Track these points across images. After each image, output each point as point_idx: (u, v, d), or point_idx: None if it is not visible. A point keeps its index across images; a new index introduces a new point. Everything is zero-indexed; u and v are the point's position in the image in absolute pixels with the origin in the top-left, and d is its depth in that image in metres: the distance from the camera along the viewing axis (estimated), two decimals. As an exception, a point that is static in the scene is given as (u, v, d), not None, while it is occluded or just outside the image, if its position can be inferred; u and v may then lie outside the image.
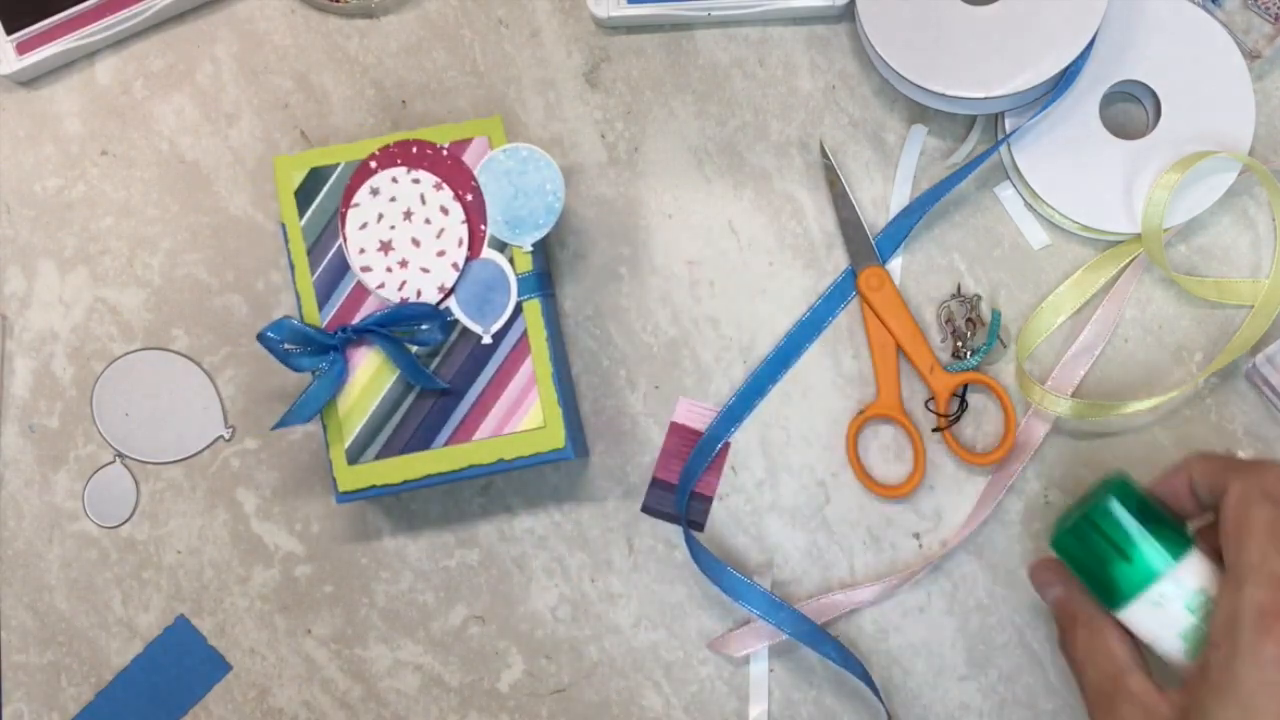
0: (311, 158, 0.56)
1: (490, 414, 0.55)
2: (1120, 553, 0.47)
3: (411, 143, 0.55)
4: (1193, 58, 0.58)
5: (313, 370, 0.54)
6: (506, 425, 0.54)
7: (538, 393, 0.54)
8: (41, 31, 0.60)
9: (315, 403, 0.54)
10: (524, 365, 0.55)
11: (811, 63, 0.61)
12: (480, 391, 0.55)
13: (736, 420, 0.59)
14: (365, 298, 0.55)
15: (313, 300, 0.55)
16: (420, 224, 0.55)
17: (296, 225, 0.56)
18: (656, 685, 0.59)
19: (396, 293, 0.55)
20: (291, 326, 0.54)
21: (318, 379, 0.54)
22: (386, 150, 0.55)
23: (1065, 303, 0.59)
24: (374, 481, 0.55)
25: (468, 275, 0.55)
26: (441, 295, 0.55)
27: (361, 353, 0.55)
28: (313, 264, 0.56)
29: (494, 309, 0.55)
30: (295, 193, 0.56)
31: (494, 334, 0.55)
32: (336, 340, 0.54)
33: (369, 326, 0.54)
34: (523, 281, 0.55)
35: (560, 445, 0.54)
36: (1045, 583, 0.52)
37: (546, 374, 0.54)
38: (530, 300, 0.55)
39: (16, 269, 0.62)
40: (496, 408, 0.55)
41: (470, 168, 0.55)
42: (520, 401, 0.54)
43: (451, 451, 0.55)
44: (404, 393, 0.55)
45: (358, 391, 0.55)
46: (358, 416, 0.55)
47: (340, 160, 0.56)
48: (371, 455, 0.55)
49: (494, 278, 0.55)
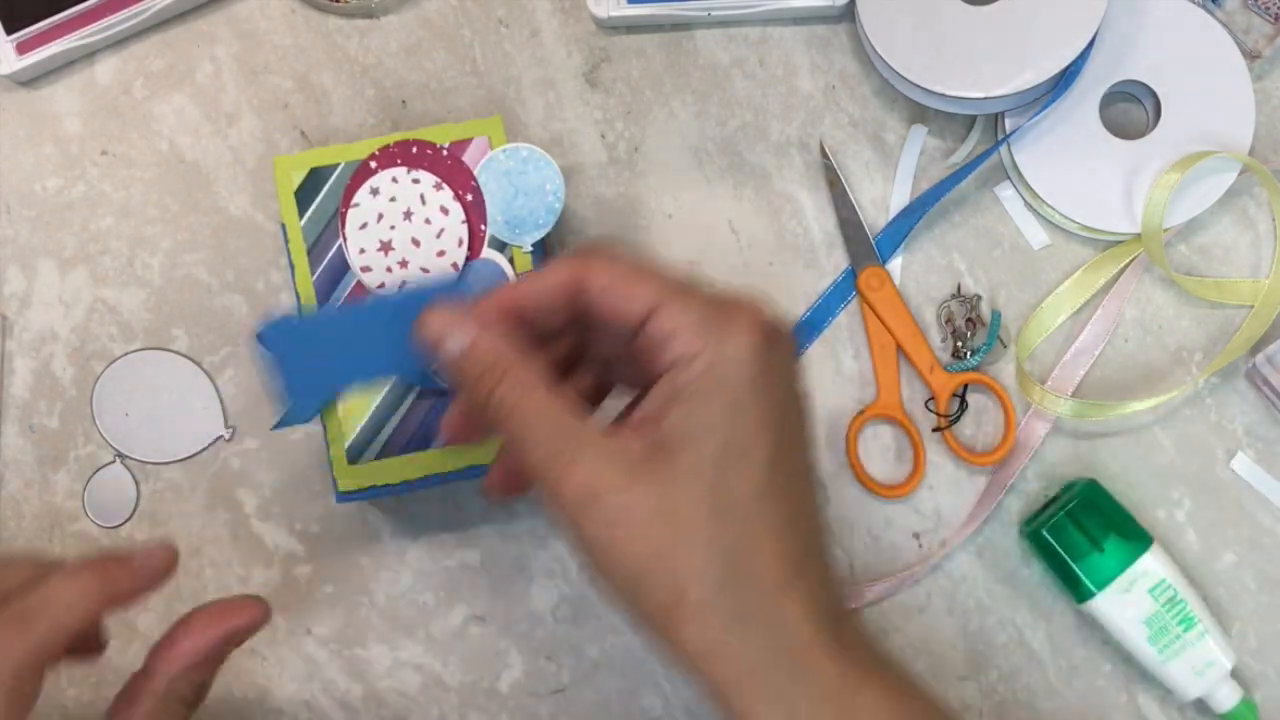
0: (311, 158, 0.56)
1: None
2: (1095, 545, 0.55)
3: (411, 143, 0.55)
4: (1193, 58, 0.58)
5: None
6: None
7: None
8: (41, 31, 0.60)
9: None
10: None
11: (811, 63, 0.61)
12: None
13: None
14: (364, 297, 0.55)
15: (313, 300, 0.55)
16: (420, 224, 0.55)
17: (296, 225, 0.56)
18: (656, 685, 0.59)
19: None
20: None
21: None
22: (386, 150, 0.55)
23: (1065, 303, 0.59)
24: (374, 481, 0.55)
25: (467, 275, 0.55)
26: None
27: None
28: (313, 264, 0.56)
29: None
30: (295, 193, 0.56)
31: None
32: None
33: None
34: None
35: None
36: (442, 335, 0.42)
37: None
38: None
39: (16, 269, 0.62)
40: None
41: (470, 168, 0.55)
42: None
43: (452, 451, 0.55)
44: (404, 392, 0.55)
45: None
46: (358, 416, 0.55)
47: (340, 160, 0.56)
48: (372, 455, 0.55)
49: (494, 277, 0.55)
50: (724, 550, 0.38)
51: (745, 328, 0.39)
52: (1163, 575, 0.54)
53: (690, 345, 0.39)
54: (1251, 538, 0.58)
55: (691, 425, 0.39)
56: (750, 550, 0.38)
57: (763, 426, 0.39)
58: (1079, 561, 0.55)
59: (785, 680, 0.38)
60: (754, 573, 0.38)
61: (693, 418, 0.39)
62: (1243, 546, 0.58)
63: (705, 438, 0.38)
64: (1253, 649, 0.58)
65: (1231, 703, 0.55)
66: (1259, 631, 0.58)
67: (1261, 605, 0.58)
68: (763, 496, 0.39)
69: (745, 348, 0.39)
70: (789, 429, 0.41)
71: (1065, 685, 0.58)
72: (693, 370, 0.39)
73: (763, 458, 0.39)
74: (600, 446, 0.39)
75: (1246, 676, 0.57)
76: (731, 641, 0.38)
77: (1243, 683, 0.56)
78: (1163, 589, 0.54)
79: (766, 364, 0.40)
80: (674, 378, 0.39)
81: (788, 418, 0.41)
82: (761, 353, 0.39)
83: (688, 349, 0.39)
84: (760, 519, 0.39)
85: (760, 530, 0.39)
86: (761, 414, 0.39)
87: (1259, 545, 0.58)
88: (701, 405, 0.39)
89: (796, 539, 0.40)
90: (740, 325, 0.39)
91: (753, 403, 0.39)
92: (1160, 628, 0.54)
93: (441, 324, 0.42)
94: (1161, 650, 0.54)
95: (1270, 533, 0.58)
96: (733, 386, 0.39)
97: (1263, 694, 0.57)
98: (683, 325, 0.39)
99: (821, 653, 0.38)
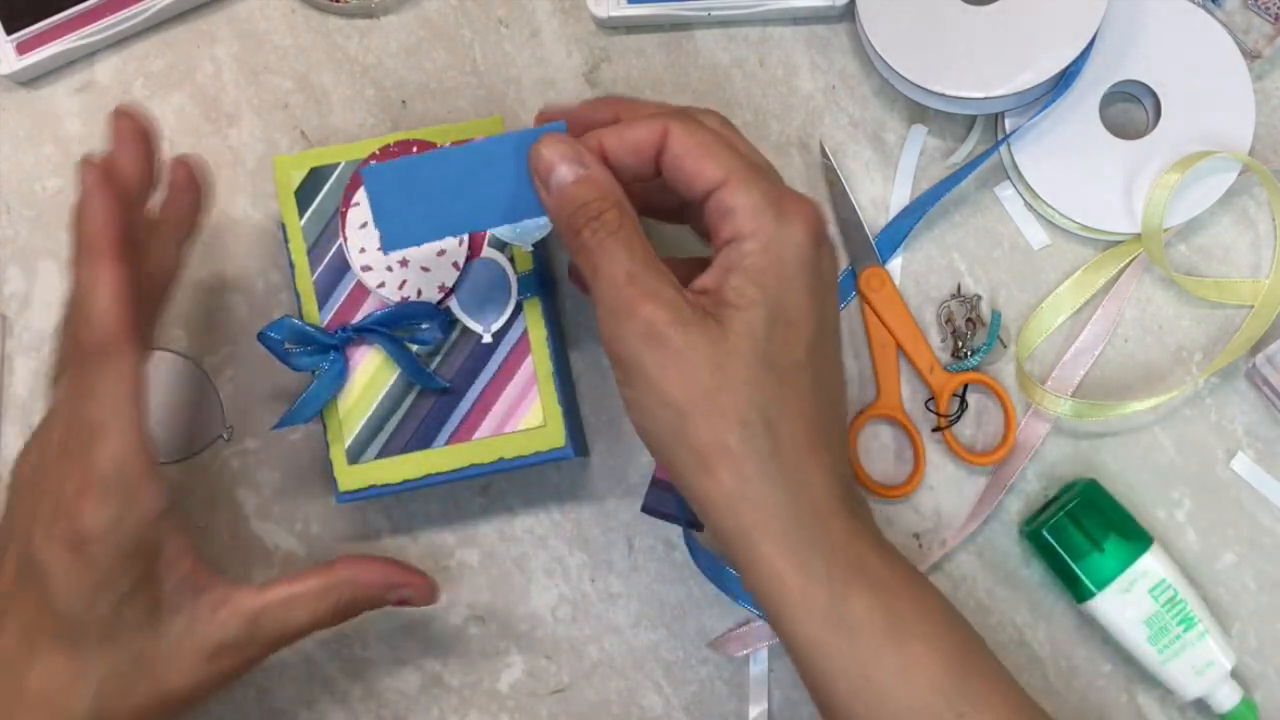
0: (311, 158, 0.56)
1: (491, 413, 0.55)
2: (1095, 545, 0.54)
3: (411, 142, 0.55)
4: (1193, 58, 0.58)
5: (312, 370, 0.54)
6: (507, 424, 0.54)
7: (538, 392, 0.54)
8: (41, 31, 0.60)
9: (316, 402, 0.54)
10: (524, 364, 0.55)
11: (811, 63, 0.61)
12: (480, 391, 0.55)
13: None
14: (365, 297, 0.55)
15: (313, 300, 0.55)
16: None
17: (296, 225, 0.56)
18: (656, 685, 0.59)
19: (397, 292, 0.55)
20: (292, 326, 0.54)
21: (318, 378, 0.54)
22: (386, 150, 0.55)
23: (1065, 303, 0.59)
24: (374, 481, 0.55)
25: (468, 274, 0.55)
26: (442, 294, 0.55)
27: (361, 352, 0.55)
28: (312, 263, 0.56)
29: (494, 308, 0.55)
30: (295, 192, 0.56)
31: (494, 333, 0.55)
32: (337, 339, 0.54)
33: (369, 325, 0.54)
34: (523, 281, 0.55)
35: (560, 444, 0.54)
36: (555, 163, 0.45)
37: (547, 373, 0.54)
38: (531, 299, 0.55)
39: (16, 269, 0.62)
40: (497, 407, 0.55)
41: None
42: (520, 400, 0.54)
43: (452, 451, 0.55)
44: (404, 392, 0.55)
45: (358, 391, 0.55)
46: (358, 416, 0.55)
47: (340, 160, 0.56)
48: (372, 455, 0.55)
49: (495, 277, 0.55)
50: (764, 404, 0.42)
51: (802, 219, 0.44)
52: (1163, 575, 0.55)
53: (749, 224, 0.44)
54: (1251, 538, 0.58)
55: (748, 292, 0.43)
56: (788, 410, 0.43)
57: (809, 307, 0.44)
58: (1079, 561, 0.55)
59: (803, 533, 0.42)
60: (789, 430, 0.43)
61: (749, 286, 0.43)
62: (1243, 546, 0.58)
63: (759, 305, 0.43)
64: (1253, 649, 0.58)
65: (1231, 703, 0.55)
66: (1259, 631, 0.58)
67: (1261, 605, 0.58)
68: (802, 366, 0.44)
69: (800, 234, 0.44)
70: (829, 318, 0.46)
71: (1065, 685, 0.58)
72: (751, 245, 0.43)
73: (806, 333, 0.44)
74: (672, 292, 0.43)
75: (1246, 676, 0.57)
76: (762, 489, 0.42)
77: (1243, 683, 0.56)
78: (1163, 589, 0.54)
79: (816, 255, 0.45)
80: (733, 250, 0.44)
81: (828, 308, 0.46)
82: (813, 245, 0.44)
83: (746, 227, 0.44)
84: (798, 384, 0.43)
85: (797, 394, 0.43)
86: (809, 296, 0.44)
87: (1259, 545, 0.58)
88: (758, 277, 0.43)
89: (826, 410, 0.45)
90: (798, 216, 0.44)
91: (802, 285, 0.44)
92: (1160, 628, 0.54)
93: (558, 152, 0.45)
94: (1161, 650, 0.54)
95: (1270, 533, 0.58)
96: (788, 266, 0.44)
97: (1263, 694, 0.57)
98: (744, 205, 0.44)
99: (837, 515, 0.43)
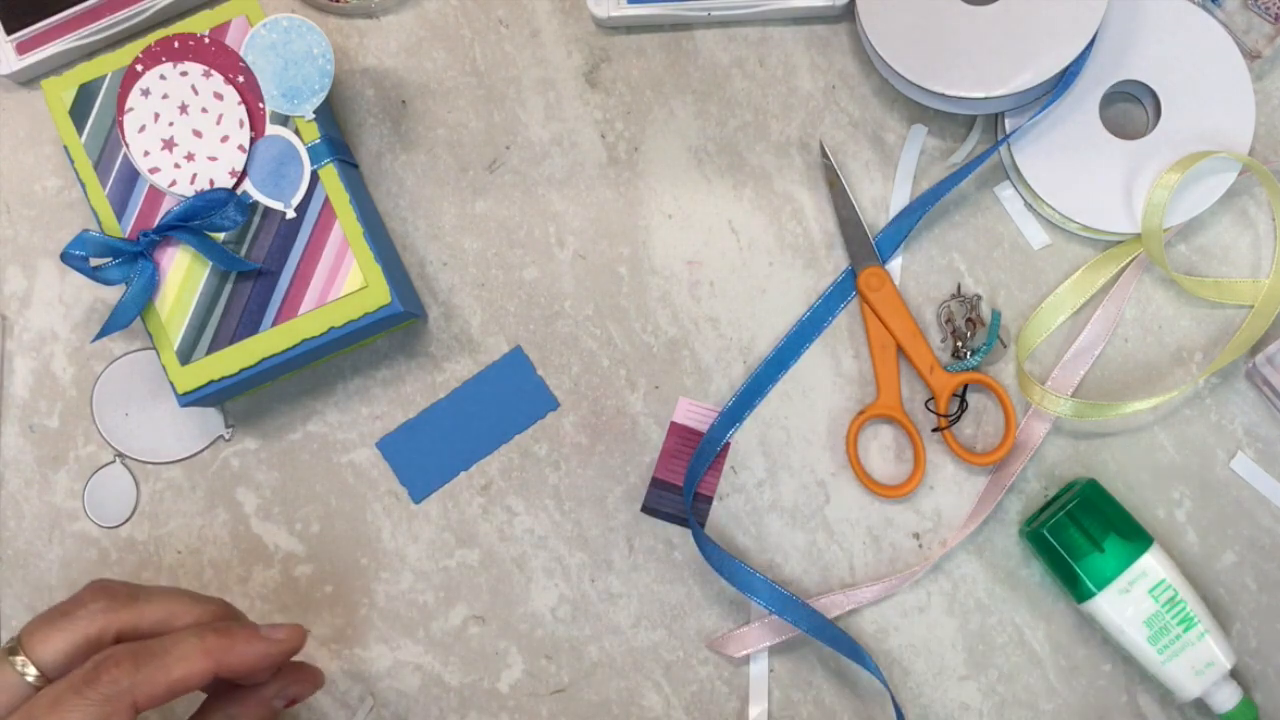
0: (77, 75, 0.56)
1: (311, 285, 0.55)
2: (1095, 545, 0.54)
3: (173, 38, 0.56)
4: (1193, 58, 0.58)
5: (125, 281, 0.55)
6: (329, 293, 0.55)
7: (353, 254, 0.55)
8: (41, 31, 0.60)
9: (132, 308, 0.55)
10: (333, 231, 0.55)
11: (811, 63, 0.61)
12: (296, 266, 0.55)
13: (736, 420, 0.59)
14: (161, 200, 0.56)
15: (110, 213, 0.56)
16: (198, 114, 0.55)
17: (78, 143, 0.56)
18: (656, 685, 0.59)
19: (190, 187, 0.55)
20: (93, 239, 0.55)
21: (130, 286, 0.55)
22: (149, 50, 0.56)
23: (1065, 303, 0.59)
24: (212, 376, 0.55)
25: (256, 154, 0.56)
26: (234, 179, 0.55)
27: (170, 254, 0.56)
28: (101, 178, 0.56)
29: (290, 182, 0.56)
30: (69, 112, 0.56)
31: (296, 207, 0.55)
32: (141, 245, 0.55)
33: (169, 224, 0.55)
34: (313, 150, 0.55)
35: (387, 301, 0.55)
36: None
37: (358, 234, 0.55)
38: (325, 166, 0.55)
39: (16, 269, 0.62)
40: (315, 278, 0.55)
41: (235, 49, 0.55)
42: (338, 267, 0.55)
43: (281, 331, 0.55)
44: (221, 284, 0.55)
45: (175, 291, 0.55)
46: (180, 315, 0.55)
47: (106, 71, 0.56)
48: (202, 351, 0.55)
49: (283, 152, 0.56)
50: None
51: None
52: (1163, 575, 0.55)
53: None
54: (1251, 538, 0.58)
55: None
56: None
57: None
58: (1079, 561, 0.55)
59: None
60: None
61: None
62: (1243, 546, 0.58)
63: None
64: (1253, 649, 0.58)
65: (1231, 703, 0.55)
66: (1259, 631, 0.58)
67: (1261, 605, 0.58)
68: None
69: None
70: None
71: (1065, 685, 0.58)
72: None
73: None
74: None
75: (1246, 676, 0.57)
76: None
77: (1243, 683, 0.56)
78: (1162, 589, 0.54)
79: None
80: None
81: None
82: None
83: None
84: None
85: None
86: None
87: (1259, 545, 0.58)
88: None
89: None
90: None
91: None
92: (1160, 628, 0.54)
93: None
94: (1161, 650, 0.54)
95: (1270, 533, 0.58)
96: None
97: (1263, 694, 0.57)
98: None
99: None
